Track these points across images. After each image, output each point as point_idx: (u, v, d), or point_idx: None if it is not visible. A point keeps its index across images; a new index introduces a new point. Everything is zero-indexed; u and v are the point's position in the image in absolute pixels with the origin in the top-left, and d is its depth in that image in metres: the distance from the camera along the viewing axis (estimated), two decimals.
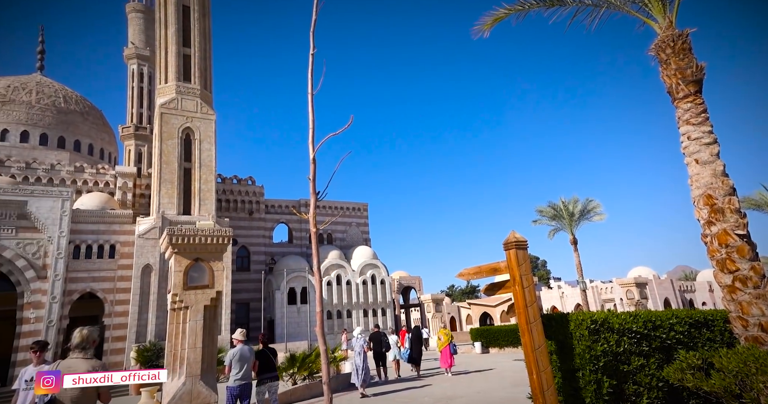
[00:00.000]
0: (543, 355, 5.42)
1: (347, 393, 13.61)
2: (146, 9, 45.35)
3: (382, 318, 42.43)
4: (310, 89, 7.72)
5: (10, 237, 26.17)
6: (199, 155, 32.86)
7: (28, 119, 36.23)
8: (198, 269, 11.44)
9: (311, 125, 7.68)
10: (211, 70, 36.03)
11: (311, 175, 7.53)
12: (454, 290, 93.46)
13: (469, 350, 27.30)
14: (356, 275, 42.14)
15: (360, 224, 49.29)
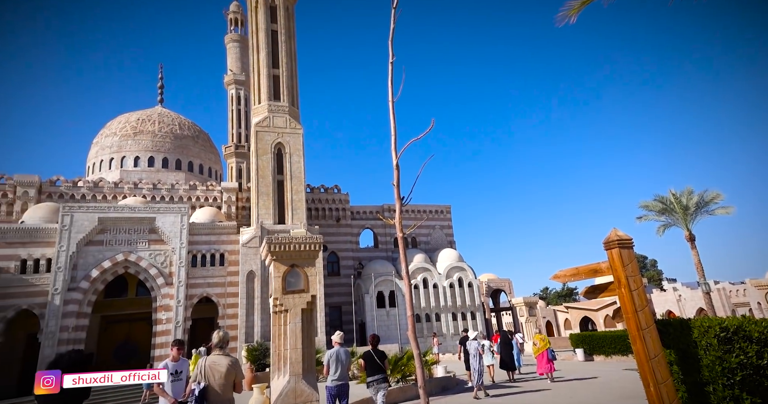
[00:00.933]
0: (661, 366, 4.87)
1: (442, 397, 13.49)
2: (241, 38, 50.17)
3: (472, 322, 41.44)
4: (391, 97, 7.86)
5: (145, 249, 30.51)
6: (289, 168, 35.26)
7: (153, 146, 42.08)
8: (294, 274, 12.26)
9: (393, 131, 7.81)
10: (297, 88, 38.57)
11: (395, 181, 7.65)
12: (548, 293, 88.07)
13: (570, 357, 25.44)
14: (442, 279, 41.76)
15: (444, 227, 48.86)
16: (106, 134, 42.63)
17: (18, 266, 27.88)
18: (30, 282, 27.73)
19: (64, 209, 28.99)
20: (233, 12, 51.93)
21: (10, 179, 32.92)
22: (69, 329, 27.25)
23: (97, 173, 41.00)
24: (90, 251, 29.14)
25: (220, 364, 5.65)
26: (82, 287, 28.32)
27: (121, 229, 30.28)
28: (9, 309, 26.89)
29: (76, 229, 28.62)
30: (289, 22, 39.02)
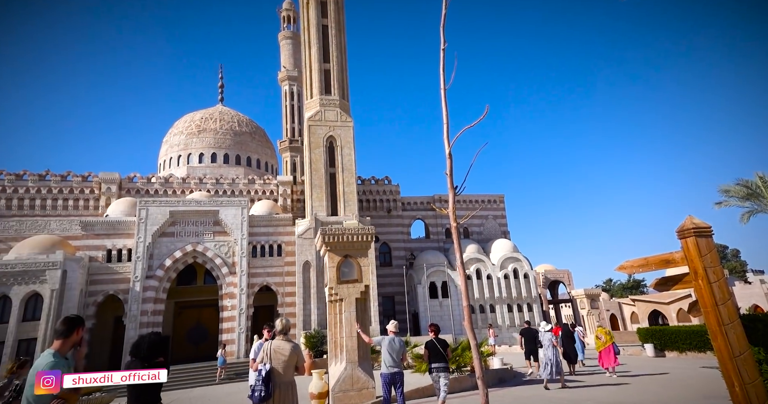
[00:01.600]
0: (748, 365, 4.43)
1: (499, 389, 13.27)
2: (294, 35, 51.53)
3: (529, 314, 40.24)
4: (443, 85, 7.68)
5: (210, 240, 32.62)
6: (341, 161, 35.91)
7: (215, 143, 44.63)
8: (348, 265, 12.57)
9: (445, 119, 7.65)
10: (348, 80, 39.02)
11: (448, 170, 7.50)
12: (612, 284, 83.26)
13: (638, 352, 23.95)
14: (496, 269, 40.83)
15: (497, 217, 47.60)
16: (174, 133, 45.75)
17: (104, 255, 30.94)
18: (115, 270, 30.69)
19: (141, 203, 31.64)
20: (286, 10, 53.34)
21: (96, 176, 36.36)
22: (148, 313, 29.88)
23: (167, 169, 44.22)
24: (163, 242, 31.62)
25: (284, 349, 6.18)
26: (157, 275, 30.87)
27: (189, 221, 32.52)
28: (99, 294, 29.97)
29: (151, 222, 31.15)
30: (339, 15, 39.39)
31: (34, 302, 27.32)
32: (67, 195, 35.20)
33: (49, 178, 35.17)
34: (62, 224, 33.07)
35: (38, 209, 34.21)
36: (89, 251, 30.66)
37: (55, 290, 27.15)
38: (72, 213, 34.78)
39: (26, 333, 26.52)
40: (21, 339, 26.37)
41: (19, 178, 34.27)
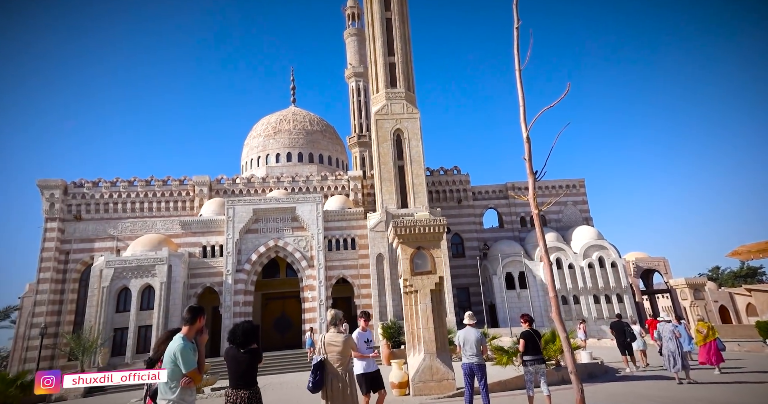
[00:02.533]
0: None
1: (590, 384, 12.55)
2: (358, 31, 52.44)
3: (619, 305, 37.42)
4: (517, 65, 7.31)
5: (289, 235, 34.64)
6: (408, 153, 35.95)
7: (289, 143, 47.09)
8: (421, 256, 12.62)
9: (521, 101, 7.29)
10: (413, 72, 38.83)
11: (526, 155, 7.16)
12: (720, 273, 74.25)
13: (758, 348, 21.18)
14: (579, 258, 38.41)
15: (577, 203, 44.64)
16: (253, 136, 48.96)
17: (201, 251, 34.29)
18: (210, 264, 33.88)
19: (228, 203, 34.46)
20: (350, 7, 54.37)
21: (190, 180, 40.23)
22: (239, 304, 32.61)
23: (249, 170, 47.55)
24: (249, 238, 34.18)
25: (336, 341, 6.46)
26: (245, 269, 33.49)
27: (270, 218, 34.76)
28: (198, 287, 33.33)
29: (238, 219, 33.81)
30: (402, 7, 39.19)
31: (148, 293, 31.19)
32: (168, 198, 39.42)
33: (153, 183, 39.62)
34: (165, 223, 37.27)
35: (146, 210, 38.74)
36: (188, 248, 34.17)
37: (163, 282, 30.75)
38: (173, 214, 38.90)
39: (143, 321, 30.41)
40: (140, 326, 30.29)
41: (130, 184, 39.08)
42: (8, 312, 37.81)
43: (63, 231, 36.53)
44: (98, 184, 38.22)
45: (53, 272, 35.16)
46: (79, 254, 36.23)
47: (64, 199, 36.97)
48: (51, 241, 35.72)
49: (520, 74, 7.41)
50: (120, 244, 36.24)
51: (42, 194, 36.53)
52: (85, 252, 36.26)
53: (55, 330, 34.08)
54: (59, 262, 35.78)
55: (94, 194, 37.74)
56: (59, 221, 36.32)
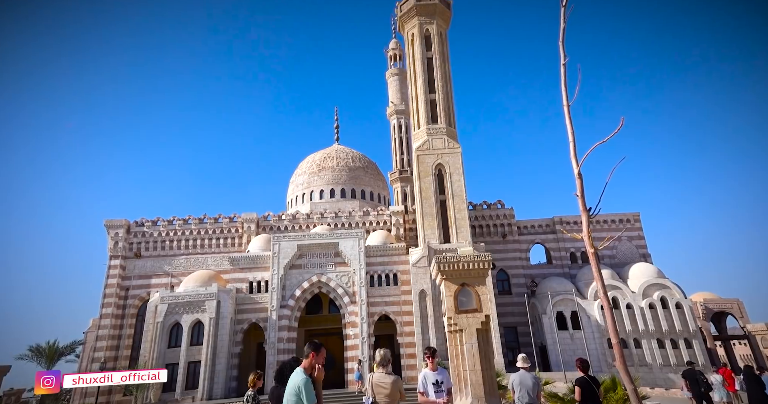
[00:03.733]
0: None
1: None
2: (400, 71, 54.68)
3: (688, 351, 33.99)
4: (565, 101, 7.34)
5: (332, 271, 34.97)
6: (450, 187, 35.89)
7: (332, 179, 48.55)
8: (465, 293, 12.27)
9: (571, 137, 7.23)
10: (453, 108, 39.51)
11: (579, 191, 7.01)
12: None
13: None
14: (638, 298, 35.69)
15: (633, 238, 42.09)
16: (299, 173, 50.98)
17: (247, 287, 35.25)
18: (255, 300, 34.63)
19: (274, 239, 35.55)
20: (392, 49, 57.21)
21: (239, 217, 42.12)
22: (283, 340, 32.78)
23: (294, 206, 49.17)
24: (293, 274, 34.80)
25: (384, 382, 6.27)
26: (289, 304, 33.87)
27: (314, 254, 35.36)
28: (244, 322, 34.02)
29: (283, 255, 34.66)
30: (443, 46, 40.60)
31: (198, 328, 32.15)
32: (219, 235, 41.34)
33: (206, 221, 41.81)
34: (215, 260, 38.91)
35: (198, 247, 40.74)
36: (236, 284, 35.26)
37: (212, 318, 31.68)
38: (222, 250, 40.60)
39: (192, 356, 31.18)
40: (189, 362, 31.01)
41: (185, 222, 41.51)
42: (73, 347, 40.06)
43: (124, 268, 38.98)
44: (157, 223, 40.93)
45: (114, 308, 37.20)
46: (137, 290, 38.33)
47: (126, 237, 39.75)
48: (113, 278, 38.13)
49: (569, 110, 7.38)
50: (174, 280, 38.05)
51: (108, 233, 39.51)
52: (142, 288, 38.32)
53: (114, 364, 35.50)
54: (120, 298, 37.90)
55: (153, 233, 40.34)
56: (121, 258, 38.88)
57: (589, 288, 36.92)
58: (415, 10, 40.52)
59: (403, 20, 41.79)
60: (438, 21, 40.76)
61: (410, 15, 41.00)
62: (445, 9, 41.55)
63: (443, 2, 41.55)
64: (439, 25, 40.91)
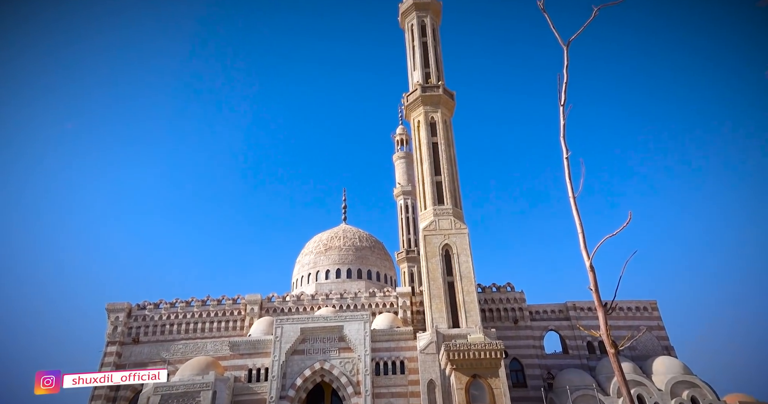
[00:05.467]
0: None
1: None
2: (406, 154, 57.40)
3: None
4: (571, 193, 7.51)
5: (336, 357, 33.14)
6: (458, 269, 35.35)
7: (339, 259, 48.24)
8: (477, 386, 11.45)
9: (579, 229, 7.27)
10: (459, 190, 40.54)
11: (592, 285, 6.86)
12: None
13: None
14: (665, 397, 32.76)
15: (653, 328, 39.91)
16: (305, 253, 50.90)
17: (246, 375, 33.42)
18: (254, 390, 32.52)
19: (277, 322, 34.42)
20: (399, 134, 60.88)
21: (243, 298, 41.21)
22: None
23: (299, 287, 48.28)
24: (294, 360, 33.01)
25: None
26: (289, 395, 31.57)
27: (317, 338, 33.87)
28: None
29: (285, 339, 33.17)
30: (448, 132, 42.92)
31: None
32: (221, 317, 40.17)
33: (209, 302, 40.93)
34: (215, 345, 37.35)
35: (199, 331, 39.41)
36: (234, 371, 33.41)
37: None
38: (223, 334, 39.12)
39: None
40: None
41: (188, 304, 40.67)
42: None
43: (120, 355, 37.52)
44: (159, 305, 40.26)
45: (104, 400, 35.03)
46: None
47: (126, 322, 38.82)
48: (108, 366, 36.49)
49: (575, 202, 7.53)
50: (171, 367, 36.06)
51: (108, 317, 38.69)
52: None
53: None
54: (111, 389, 35.74)
55: (154, 316, 39.47)
56: (119, 344, 37.65)
57: (611, 383, 34.16)
58: (420, 100, 43.56)
59: (410, 109, 44.80)
60: (442, 109, 43.59)
61: (416, 104, 44.02)
62: (449, 99, 44.67)
63: (447, 93, 44.78)
64: (444, 114, 43.67)
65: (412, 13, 46.44)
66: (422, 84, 43.57)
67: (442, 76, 44.83)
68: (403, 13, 47.32)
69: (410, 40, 46.49)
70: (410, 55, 46.27)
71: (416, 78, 44.70)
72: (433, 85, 43.64)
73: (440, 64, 45.35)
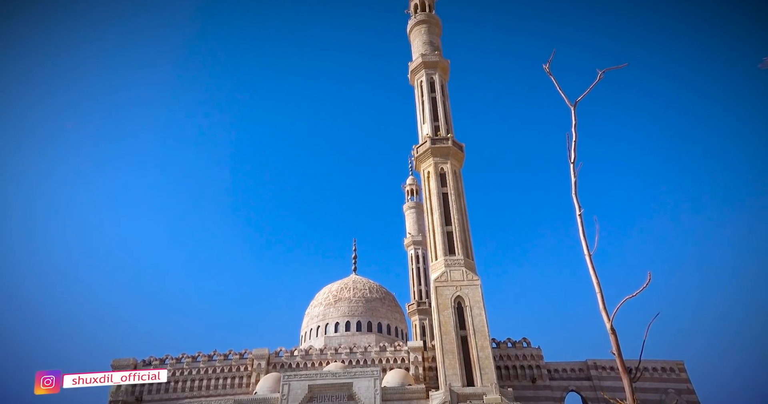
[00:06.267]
0: None
1: None
2: (416, 204, 57.77)
3: None
4: (586, 251, 7.41)
5: None
6: (471, 322, 34.18)
7: (348, 311, 47.10)
8: None
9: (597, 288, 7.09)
10: (470, 240, 40.16)
11: (614, 349, 6.58)
12: None
13: None
14: None
15: (681, 391, 37.26)
16: (314, 305, 49.92)
17: None
18: None
19: (284, 378, 33.08)
20: (409, 185, 61.84)
21: (250, 353, 39.94)
22: None
23: (307, 341, 46.82)
24: None
25: None
26: None
27: (326, 395, 32.33)
28: None
29: (292, 397, 31.70)
30: (458, 183, 43.34)
31: None
32: (227, 374, 38.82)
33: (216, 358, 39.71)
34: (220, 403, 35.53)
35: (204, 389, 37.97)
36: None
37: None
38: (228, 392, 37.59)
39: None
40: None
41: (194, 360, 39.49)
42: None
43: None
44: (165, 361, 39.16)
45: None
46: None
47: None
48: None
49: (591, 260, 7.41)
50: None
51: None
52: None
53: None
54: None
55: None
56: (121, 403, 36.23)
57: None
58: (430, 152, 44.46)
59: (419, 160, 45.65)
60: (452, 161, 44.33)
61: (426, 156, 44.91)
62: (458, 151, 45.54)
63: (456, 145, 45.74)
64: (453, 165, 44.36)
65: (421, 71, 48.84)
66: (431, 136, 44.78)
67: (451, 128, 46.13)
68: (413, 71, 49.81)
69: (419, 95, 48.50)
70: (419, 109, 48.03)
71: (426, 131, 46.05)
72: (443, 137, 44.81)
73: (449, 118, 46.85)
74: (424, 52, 48.90)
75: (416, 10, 52.09)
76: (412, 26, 51.65)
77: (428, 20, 50.95)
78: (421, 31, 50.64)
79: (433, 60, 48.92)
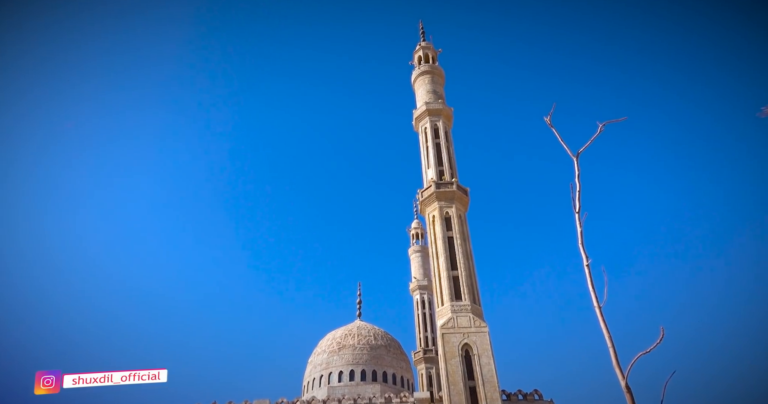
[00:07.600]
0: None
1: None
2: (422, 248, 57.37)
3: None
4: (596, 303, 7.31)
5: None
6: (480, 371, 32.88)
7: (353, 359, 45.47)
8: None
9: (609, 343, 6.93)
10: (477, 285, 39.51)
11: None
12: None
13: None
14: None
15: None
16: (318, 353, 48.32)
17: None
18: None
19: None
20: (414, 228, 61.64)
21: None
22: None
23: (310, 391, 44.86)
24: None
25: None
26: None
27: None
28: None
29: None
30: (463, 227, 43.25)
31: None
32: None
33: None
34: None
35: None
36: None
37: None
38: None
39: None
40: None
41: None
42: None
43: None
44: None
45: None
46: None
47: None
48: None
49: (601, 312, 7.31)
50: None
51: None
52: None
53: None
54: None
55: None
56: None
57: None
58: (434, 196, 44.74)
59: (424, 204, 45.91)
60: (457, 205, 44.56)
61: (431, 200, 45.19)
62: (462, 195, 45.82)
63: (461, 189, 46.10)
64: (458, 209, 44.55)
65: (425, 118, 50.38)
66: (436, 181, 45.40)
67: (455, 173, 46.85)
68: (417, 118, 51.40)
69: (424, 141, 49.73)
70: (424, 155, 49.05)
71: (430, 175, 46.77)
72: (447, 182, 45.39)
73: (453, 163, 47.71)
74: (428, 101, 50.74)
75: (420, 62, 54.66)
76: (416, 76, 53.94)
77: (431, 71, 53.28)
78: (424, 81, 52.82)
79: (437, 108, 50.57)
